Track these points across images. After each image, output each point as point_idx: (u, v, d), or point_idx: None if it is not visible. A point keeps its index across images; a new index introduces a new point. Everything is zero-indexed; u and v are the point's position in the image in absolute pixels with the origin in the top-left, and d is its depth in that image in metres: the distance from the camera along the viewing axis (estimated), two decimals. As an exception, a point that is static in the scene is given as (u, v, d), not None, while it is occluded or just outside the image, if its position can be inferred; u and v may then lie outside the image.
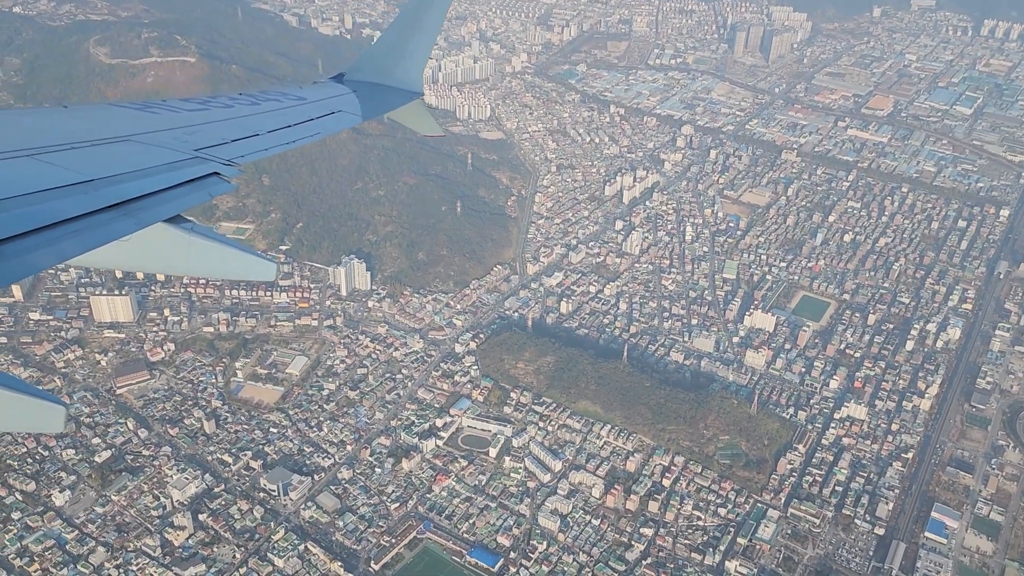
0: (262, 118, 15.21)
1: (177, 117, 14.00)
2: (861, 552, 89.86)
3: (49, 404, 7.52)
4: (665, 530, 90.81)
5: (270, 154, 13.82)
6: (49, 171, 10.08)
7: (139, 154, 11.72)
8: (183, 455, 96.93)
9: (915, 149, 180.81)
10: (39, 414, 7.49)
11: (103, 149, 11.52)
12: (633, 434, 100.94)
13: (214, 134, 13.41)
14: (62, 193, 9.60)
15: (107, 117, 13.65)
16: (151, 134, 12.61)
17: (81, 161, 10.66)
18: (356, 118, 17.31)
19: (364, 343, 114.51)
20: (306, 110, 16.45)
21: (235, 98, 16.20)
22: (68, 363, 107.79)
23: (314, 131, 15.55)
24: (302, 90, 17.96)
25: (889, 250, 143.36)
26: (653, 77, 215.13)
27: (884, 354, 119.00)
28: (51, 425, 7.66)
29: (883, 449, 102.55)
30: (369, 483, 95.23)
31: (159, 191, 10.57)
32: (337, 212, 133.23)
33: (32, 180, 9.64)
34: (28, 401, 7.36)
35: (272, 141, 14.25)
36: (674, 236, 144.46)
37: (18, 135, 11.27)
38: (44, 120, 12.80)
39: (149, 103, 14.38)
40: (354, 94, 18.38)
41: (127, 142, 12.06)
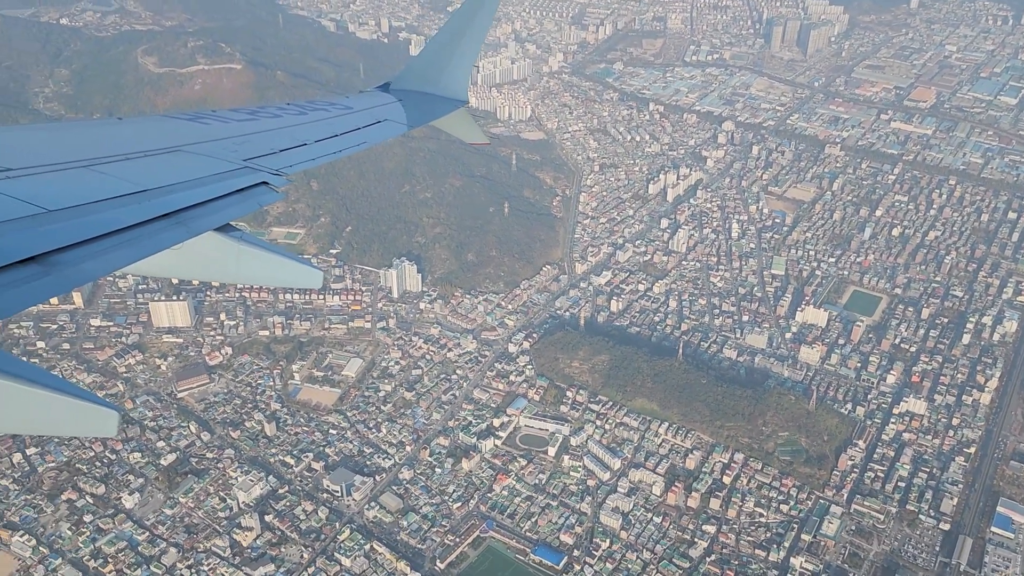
0: (310, 128, 15.33)
1: (227, 128, 14.17)
2: (927, 548, 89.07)
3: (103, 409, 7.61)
4: (728, 527, 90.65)
5: (318, 164, 13.89)
6: (104, 181, 10.28)
7: (190, 164, 11.93)
8: (246, 457, 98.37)
9: (960, 141, 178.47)
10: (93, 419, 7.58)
11: (155, 160, 11.79)
12: (691, 431, 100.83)
13: (263, 144, 13.52)
14: (116, 203, 9.78)
15: (159, 128, 13.94)
16: (202, 144, 12.81)
17: (135, 172, 10.89)
18: (402, 127, 17.41)
19: (418, 344, 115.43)
20: (353, 119, 16.64)
21: (283, 108, 16.36)
22: (129, 368, 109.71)
23: (360, 140, 15.65)
24: (349, 99, 18.17)
25: (939, 243, 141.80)
26: (690, 74, 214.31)
27: (940, 348, 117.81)
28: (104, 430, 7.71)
29: (944, 444, 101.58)
30: (430, 483, 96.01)
31: (209, 200, 10.72)
32: (385, 215, 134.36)
33: (88, 190, 9.85)
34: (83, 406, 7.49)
35: (320, 151, 14.29)
36: (720, 233, 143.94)
37: (74, 146, 11.53)
38: (99, 131, 13.05)
39: (200, 114, 14.61)
40: (400, 103, 18.52)
41: (178, 153, 12.29)
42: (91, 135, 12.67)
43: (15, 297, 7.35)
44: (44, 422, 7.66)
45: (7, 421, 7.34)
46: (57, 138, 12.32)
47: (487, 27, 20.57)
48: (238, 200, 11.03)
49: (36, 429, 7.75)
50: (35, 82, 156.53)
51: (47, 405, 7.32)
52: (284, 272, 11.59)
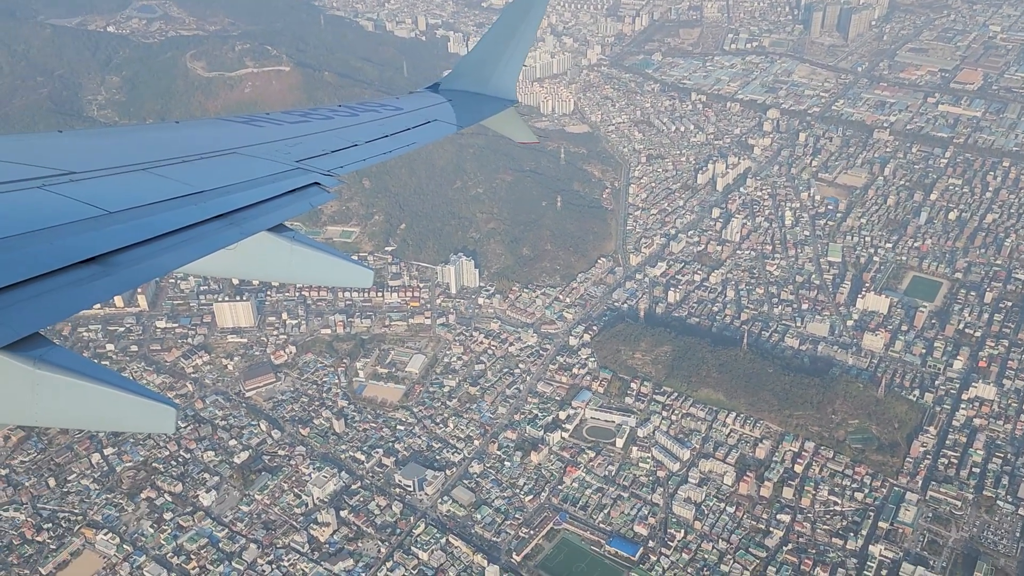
0: (361, 129, 15.45)
1: (280, 130, 14.34)
2: (1007, 534, 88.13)
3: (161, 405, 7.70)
4: (802, 516, 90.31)
5: (369, 164, 13.98)
6: (162, 183, 10.51)
7: (244, 166, 12.07)
8: (317, 454, 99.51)
9: (1011, 122, 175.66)
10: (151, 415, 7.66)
11: (211, 162, 11.94)
12: (760, 421, 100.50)
13: (315, 145, 13.70)
14: (173, 204, 9.97)
15: (214, 131, 14.13)
16: (255, 146, 12.98)
17: (191, 174, 11.09)
18: (452, 127, 17.52)
19: (479, 339, 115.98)
20: (403, 120, 16.74)
21: (335, 110, 16.54)
22: (197, 368, 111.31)
23: (411, 141, 15.74)
24: (399, 100, 18.33)
25: (998, 226, 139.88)
26: (730, 62, 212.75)
27: (1006, 332, 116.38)
28: (163, 426, 7.78)
29: (1017, 429, 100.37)
30: (500, 476, 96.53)
31: (263, 201, 10.86)
32: (439, 211, 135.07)
33: (146, 192, 10.07)
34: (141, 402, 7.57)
35: (371, 151, 14.39)
36: (773, 221, 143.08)
37: (134, 150, 11.81)
38: (157, 135, 13.34)
39: (254, 117, 14.86)
40: (449, 103, 18.65)
41: (233, 155, 12.46)
42: (150, 138, 13.03)
43: (76, 296, 7.54)
44: (105, 418, 7.76)
45: (70, 416, 7.53)
46: (117, 142, 12.62)
47: (536, 27, 20.46)
48: (291, 201, 11.22)
49: (97, 424, 7.87)
50: (88, 90, 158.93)
51: (108, 401, 7.43)
52: (336, 272, 11.72)
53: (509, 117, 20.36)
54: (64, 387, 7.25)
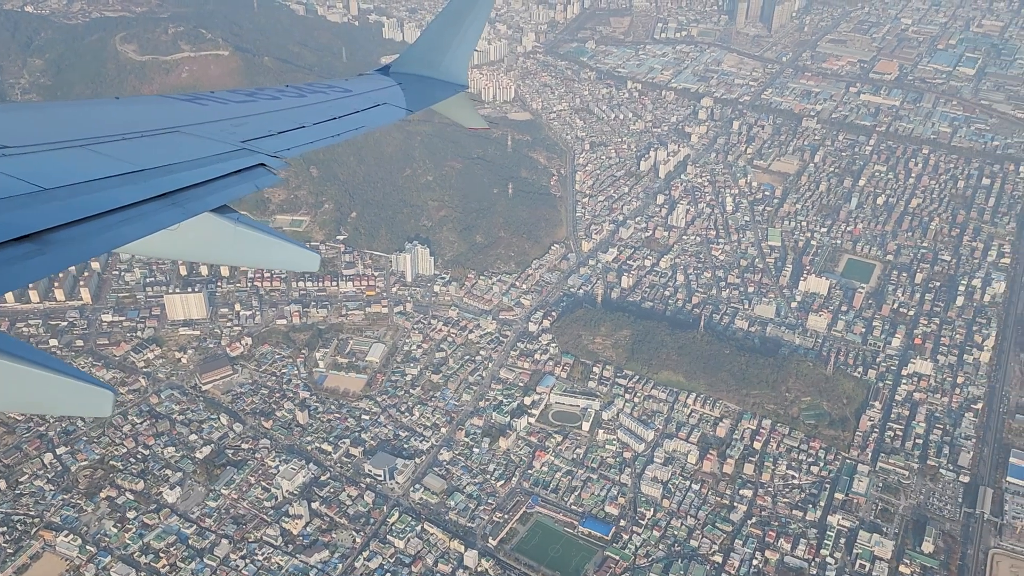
0: (308, 110, 15.30)
1: (225, 109, 14.18)
2: (951, 499, 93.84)
3: (98, 388, 7.68)
4: (763, 490, 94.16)
5: (317, 147, 13.93)
6: (101, 161, 10.30)
7: (187, 145, 11.93)
8: (282, 446, 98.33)
9: (928, 111, 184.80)
10: (88, 398, 7.65)
11: (153, 140, 11.75)
12: (719, 401, 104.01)
13: (261, 126, 13.55)
14: (113, 182, 9.83)
15: (157, 109, 13.93)
16: (199, 126, 12.83)
17: (131, 151, 10.92)
18: (402, 111, 17.36)
19: (438, 327, 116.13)
20: (352, 102, 16.54)
21: (282, 90, 16.36)
22: (149, 362, 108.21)
23: (360, 124, 15.59)
24: (348, 82, 18.10)
25: (922, 210, 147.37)
26: (662, 51, 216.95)
27: (936, 311, 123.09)
28: (100, 409, 7.80)
29: (953, 401, 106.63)
30: (470, 463, 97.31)
31: (206, 181, 10.76)
32: (390, 199, 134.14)
33: (85, 170, 9.87)
34: (78, 385, 7.55)
35: (318, 134, 14.35)
36: (714, 207, 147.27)
37: (71, 126, 11.49)
38: (96, 111, 13.02)
39: (198, 95, 14.65)
40: (399, 87, 18.50)
41: (176, 133, 12.25)
42: (88, 114, 12.71)
43: (11, 275, 7.40)
44: (41, 401, 7.74)
45: (4, 399, 7.45)
46: (54, 117, 12.31)
47: (488, 12, 20.44)
48: (235, 182, 11.15)
49: (32, 408, 7.80)
50: (9, 73, 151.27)
51: (44, 384, 7.40)
52: (281, 254, 11.65)
53: (460, 102, 20.36)
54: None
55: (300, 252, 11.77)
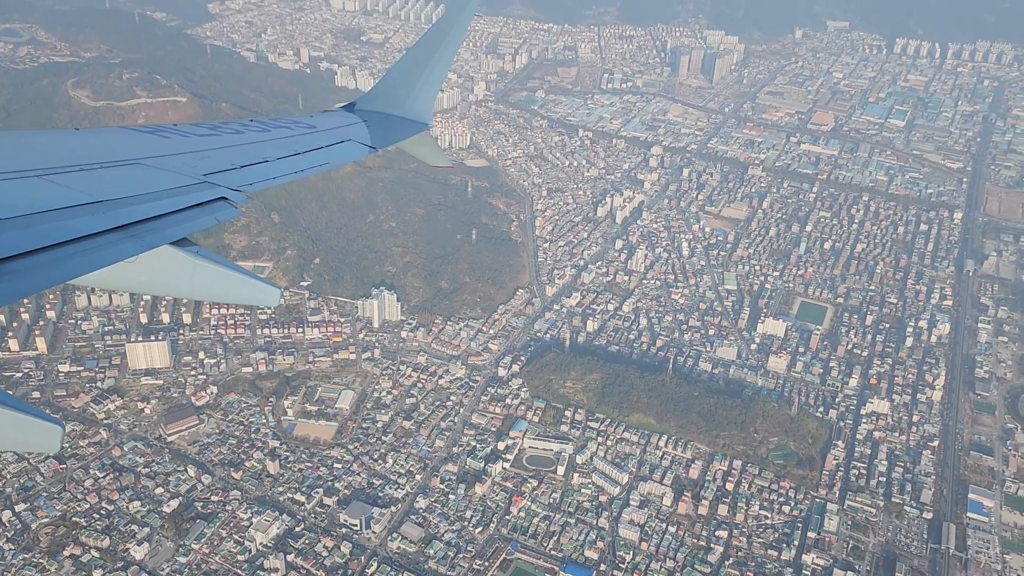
0: (272, 145, 15.22)
1: (187, 142, 14.08)
2: (916, 536, 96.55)
3: (47, 423, 7.54)
4: (738, 531, 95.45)
5: (280, 182, 13.72)
6: (58, 191, 10.12)
7: (148, 177, 11.80)
8: (253, 498, 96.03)
9: (864, 160, 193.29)
10: (37, 434, 7.50)
11: (112, 171, 11.59)
12: (690, 442, 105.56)
13: (223, 159, 13.50)
14: (70, 213, 9.65)
15: (118, 140, 13.77)
16: (161, 158, 12.72)
17: (90, 182, 10.73)
18: (366, 148, 17.30)
19: (407, 373, 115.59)
20: (316, 138, 16.50)
21: (246, 124, 16.31)
22: (109, 414, 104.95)
23: (324, 160, 15.53)
24: (312, 118, 18.13)
25: (867, 255, 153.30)
26: (609, 101, 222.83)
27: (888, 351, 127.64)
28: (48, 445, 7.65)
29: (910, 439, 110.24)
30: (447, 510, 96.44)
31: (166, 214, 10.65)
32: (354, 245, 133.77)
33: (41, 200, 9.72)
34: (26, 420, 7.38)
35: (282, 169, 14.15)
36: (671, 252, 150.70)
37: (29, 155, 11.37)
38: (55, 141, 12.90)
39: (160, 127, 14.55)
40: (364, 124, 18.51)
41: (137, 165, 12.14)
42: (46, 145, 12.55)
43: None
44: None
45: None
46: (10, 146, 12.08)
47: (454, 52, 20.50)
48: (195, 215, 11.03)
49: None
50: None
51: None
52: (241, 288, 11.50)
53: (423, 140, 20.47)
54: None
55: (260, 286, 11.70)
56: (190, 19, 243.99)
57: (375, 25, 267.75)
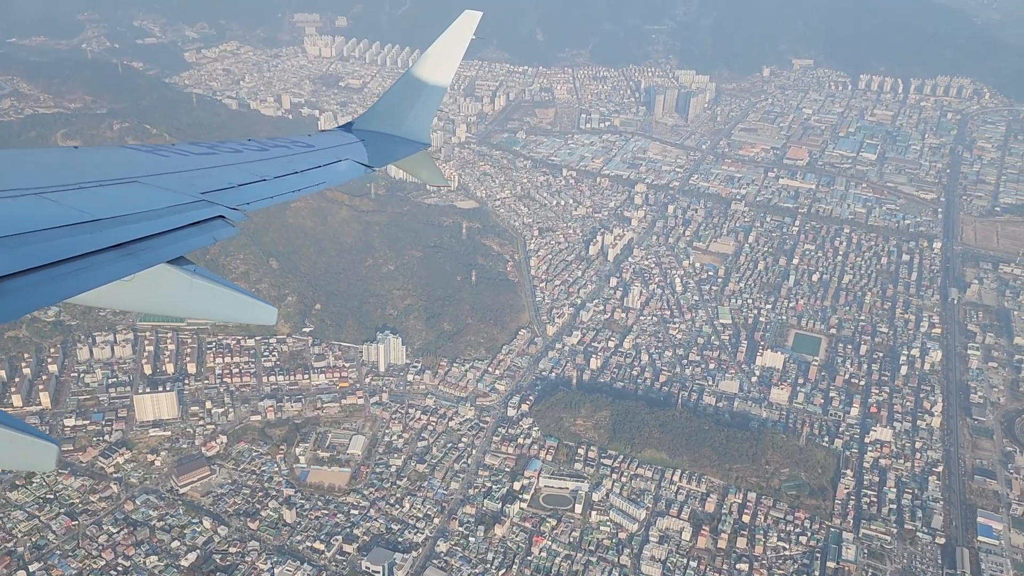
0: (270, 164, 15.21)
1: (185, 160, 14.13)
2: (931, 562, 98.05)
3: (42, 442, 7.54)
4: (758, 563, 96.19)
5: (277, 202, 13.79)
6: (56, 209, 10.17)
7: (146, 196, 11.85)
8: (271, 548, 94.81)
9: (841, 194, 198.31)
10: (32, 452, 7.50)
11: (110, 190, 11.63)
12: (703, 476, 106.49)
13: (221, 178, 13.53)
14: (67, 232, 9.69)
15: (116, 159, 13.77)
16: (159, 177, 12.76)
17: (87, 201, 10.76)
18: (364, 167, 17.28)
19: (417, 416, 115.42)
20: (314, 157, 16.50)
21: (244, 144, 16.33)
22: (119, 467, 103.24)
23: (322, 179, 15.56)
24: (310, 137, 18.16)
25: (854, 286, 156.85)
26: (589, 140, 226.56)
27: (884, 380, 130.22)
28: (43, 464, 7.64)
29: (915, 466, 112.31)
30: (468, 553, 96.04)
31: (163, 232, 10.69)
32: (354, 290, 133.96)
33: (38, 218, 9.77)
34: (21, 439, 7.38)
35: (279, 188, 14.20)
36: (664, 288, 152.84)
37: (27, 174, 11.43)
38: (54, 160, 12.98)
39: (159, 147, 14.64)
40: (361, 143, 18.53)
41: (134, 184, 12.18)
42: (44, 163, 12.63)
43: None
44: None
45: None
46: (9, 164, 12.14)
47: (453, 72, 20.37)
48: (193, 233, 11.09)
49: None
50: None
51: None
52: (237, 307, 11.49)
53: (421, 160, 20.37)
54: None
55: (257, 305, 11.66)
56: (167, 68, 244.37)
57: (352, 71, 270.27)
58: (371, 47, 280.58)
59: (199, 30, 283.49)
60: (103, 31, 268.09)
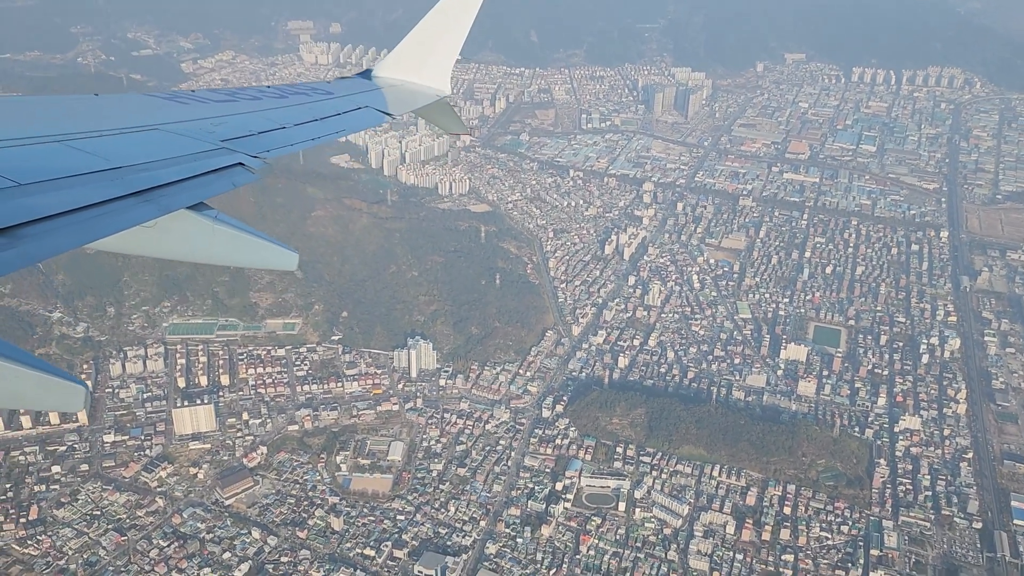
0: (289, 111, 15.27)
1: (205, 108, 14.22)
2: (970, 546, 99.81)
3: (71, 384, 7.66)
4: (803, 554, 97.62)
5: (297, 149, 13.88)
6: (77, 157, 10.26)
7: (166, 143, 11.92)
8: (323, 556, 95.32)
9: (846, 186, 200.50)
10: (61, 394, 7.62)
11: (131, 137, 11.72)
12: (742, 470, 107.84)
13: (241, 126, 13.64)
14: (89, 179, 9.76)
15: (136, 106, 13.91)
16: (179, 124, 12.86)
17: (109, 148, 10.88)
18: (383, 115, 17.20)
19: (452, 420, 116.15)
20: (334, 104, 16.47)
21: (263, 91, 16.34)
22: (162, 481, 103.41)
23: (341, 126, 15.60)
24: (329, 84, 18.10)
25: (868, 277, 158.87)
26: (592, 140, 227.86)
27: (907, 369, 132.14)
28: (72, 404, 7.75)
29: (945, 453, 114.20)
30: (517, 554, 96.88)
31: (184, 179, 10.75)
32: (380, 297, 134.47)
33: (60, 165, 9.85)
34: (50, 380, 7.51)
35: (299, 135, 14.29)
36: (682, 285, 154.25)
37: (49, 121, 11.55)
38: (75, 107, 13.02)
39: (178, 93, 14.84)
40: (380, 91, 18.43)
41: (155, 131, 12.27)
42: (67, 110, 12.69)
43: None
44: (11, 395, 7.58)
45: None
46: (31, 112, 12.32)
47: (472, 17, 19.90)
48: (212, 179, 11.15)
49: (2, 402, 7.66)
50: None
51: (13, 378, 7.33)
52: (259, 252, 11.59)
53: (441, 108, 20.13)
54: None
55: (278, 250, 11.73)
56: (165, 79, 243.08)
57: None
58: (367, 53, 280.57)
59: (193, 40, 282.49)
60: (97, 44, 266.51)
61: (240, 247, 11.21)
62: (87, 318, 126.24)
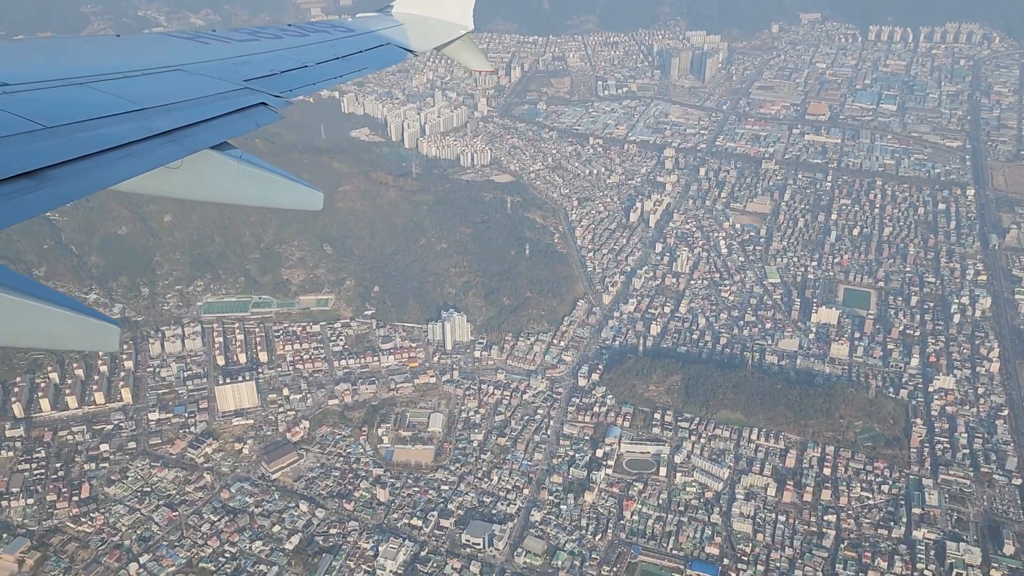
0: (311, 50, 15.12)
1: (227, 48, 14.09)
2: (1011, 503, 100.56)
3: (104, 323, 7.75)
4: (844, 514, 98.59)
5: (320, 88, 13.80)
6: (102, 99, 10.29)
7: (189, 84, 11.90)
8: (371, 526, 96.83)
9: (868, 146, 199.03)
10: (95, 332, 7.69)
11: (154, 78, 11.73)
12: (780, 433, 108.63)
13: (263, 65, 13.53)
14: (113, 120, 9.79)
15: (159, 47, 13.83)
16: (202, 64, 12.79)
17: (132, 90, 10.87)
18: (406, 52, 16.94)
19: (490, 391, 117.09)
20: (356, 42, 16.31)
21: (284, 29, 16.16)
22: (208, 457, 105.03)
23: (363, 64, 15.38)
24: (350, 22, 17.87)
25: (896, 237, 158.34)
26: (610, 107, 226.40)
27: (939, 329, 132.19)
28: (106, 343, 7.86)
29: (981, 411, 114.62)
30: (562, 521, 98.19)
31: (207, 120, 10.71)
32: (411, 270, 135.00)
33: (85, 107, 9.91)
34: (84, 320, 7.57)
35: (322, 74, 14.21)
36: (710, 251, 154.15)
37: (73, 64, 11.46)
38: (98, 49, 12.93)
39: (200, 34, 14.60)
40: (402, 27, 18.11)
41: (178, 71, 12.24)
42: (90, 52, 12.60)
43: (9, 210, 7.39)
44: (47, 335, 7.68)
45: (10, 333, 7.45)
46: (56, 55, 12.25)
47: None
48: (236, 119, 11.13)
49: (39, 343, 7.78)
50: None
51: (49, 319, 7.41)
52: (285, 192, 11.59)
53: (464, 44, 19.96)
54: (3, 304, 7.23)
55: (304, 190, 11.71)
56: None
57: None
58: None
59: (204, 16, 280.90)
60: (109, 23, 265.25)
61: (265, 187, 11.30)
62: (122, 299, 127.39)
